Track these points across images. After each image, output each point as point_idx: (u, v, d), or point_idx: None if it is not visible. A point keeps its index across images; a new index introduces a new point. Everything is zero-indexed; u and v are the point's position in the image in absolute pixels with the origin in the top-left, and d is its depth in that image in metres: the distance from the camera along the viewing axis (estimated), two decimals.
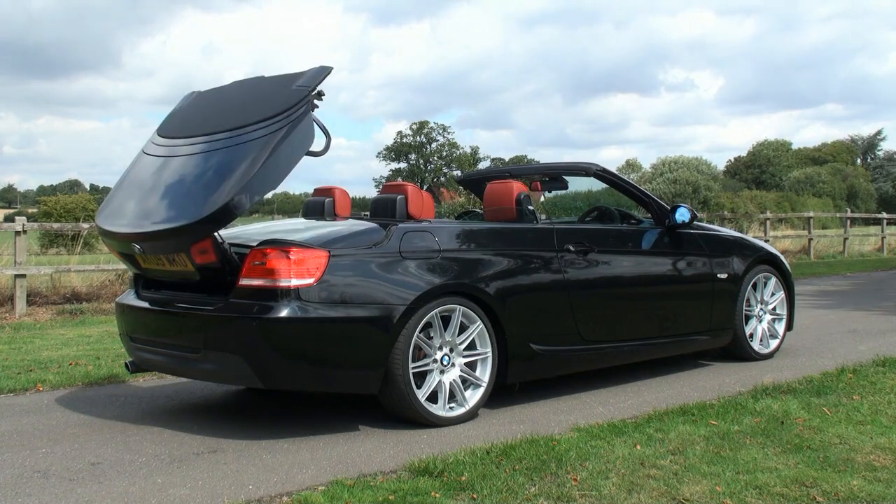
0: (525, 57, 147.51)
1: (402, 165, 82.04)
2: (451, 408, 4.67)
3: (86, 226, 12.09)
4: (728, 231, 6.84)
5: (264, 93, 4.82)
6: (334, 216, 5.61)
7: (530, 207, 5.37)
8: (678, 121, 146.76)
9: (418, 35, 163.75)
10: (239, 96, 5.03)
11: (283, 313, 4.22)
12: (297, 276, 4.26)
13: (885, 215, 24.75)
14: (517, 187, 5.43)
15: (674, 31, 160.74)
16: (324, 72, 4.67)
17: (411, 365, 4.49)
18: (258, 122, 4.48)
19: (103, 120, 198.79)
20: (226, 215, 4.25)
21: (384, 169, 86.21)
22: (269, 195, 4.57)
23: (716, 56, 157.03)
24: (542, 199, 6.93)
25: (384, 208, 5.08)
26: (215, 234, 4.39)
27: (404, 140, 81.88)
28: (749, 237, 6.95)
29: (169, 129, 5.04)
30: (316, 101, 4.56)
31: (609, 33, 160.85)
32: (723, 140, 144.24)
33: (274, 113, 4.46)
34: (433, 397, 4.62)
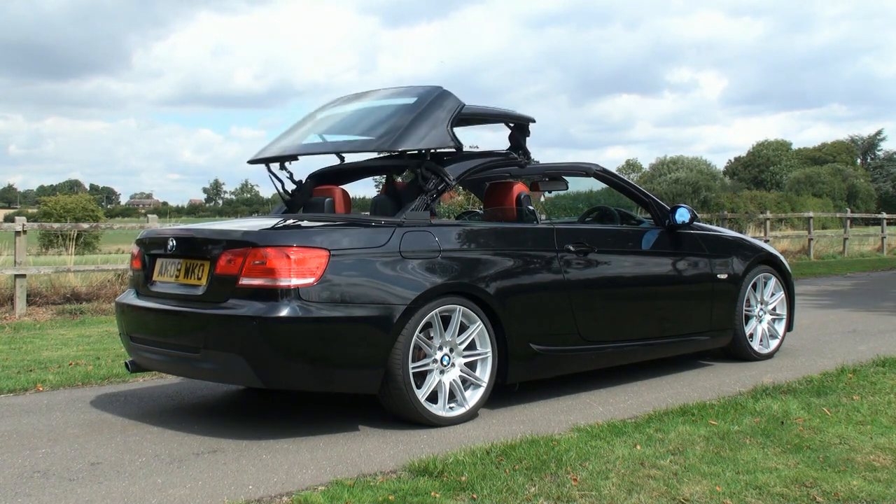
0: (532, 58, 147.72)
1: None
2: (451, 408, 4.67)
3: (86, 226, 12.08)
4: (728, 231, 6.84)
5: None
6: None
7: (530, 207, 5.37)
8: (683, 121, 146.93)
9: (427, 36, 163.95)
10: None
11: (284, 313, 4.21)
12: (297, 275, 4.26)
13: (885, 215, 24.72)
14: (517, 187, 5.43)
15: (683, 31, 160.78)
16: None
17: (411, 365, 4.48)
18: None
19: (111, 120, 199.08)
20: None
21: None
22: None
23: (722, 57, 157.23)
24: (542, 199, 6.94)
25: (384, 208, 5.09)
26: None
27: None
28: (749, 237, 6.94)
29: None
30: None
31: (618, 34, 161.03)
32: (727, 140, 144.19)
33: None
34: (433, 397, 4.62)
